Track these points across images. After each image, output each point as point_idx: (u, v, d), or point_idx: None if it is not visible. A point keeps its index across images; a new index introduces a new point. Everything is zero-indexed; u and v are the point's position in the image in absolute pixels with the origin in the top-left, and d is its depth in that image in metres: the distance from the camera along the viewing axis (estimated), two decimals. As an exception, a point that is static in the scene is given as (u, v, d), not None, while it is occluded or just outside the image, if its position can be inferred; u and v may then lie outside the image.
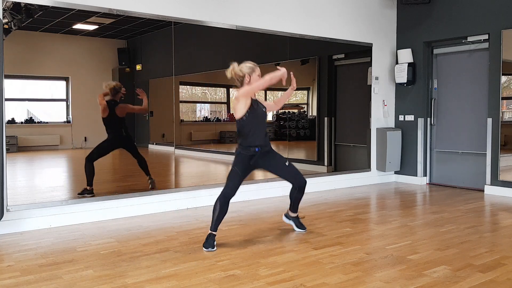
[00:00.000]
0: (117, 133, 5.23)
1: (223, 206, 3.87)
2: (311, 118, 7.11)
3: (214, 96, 6.77)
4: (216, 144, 6.42)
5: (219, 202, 3.87)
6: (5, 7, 4.29)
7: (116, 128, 5.22)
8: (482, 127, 6.58)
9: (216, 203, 3.87)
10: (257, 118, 3.97)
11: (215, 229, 3.84)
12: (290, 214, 4.41)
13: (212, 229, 3.84)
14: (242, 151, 3.94)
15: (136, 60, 5.55)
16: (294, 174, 4.17)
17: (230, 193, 3.88)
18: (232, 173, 3.94)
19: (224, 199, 3.87)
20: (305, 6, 6.47)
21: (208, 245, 3.76)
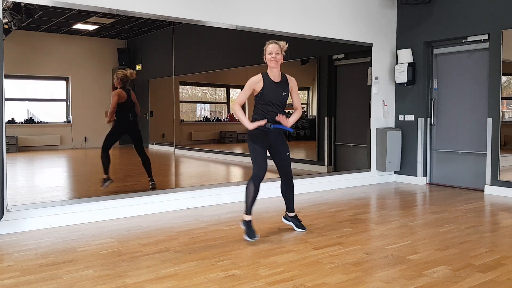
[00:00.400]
0: (125, 116, 5.30)
1: (257, 188, 3.97)
2: (311, 118, 7.11)
3: (214, 96, 6.77)
4: (216, 144, 6.42)
5: (253, 184, 3.96)
6: (5, 7, 4.29)
7: (126, 112, 5.29)
8: (482, 127, 6.58)
9: (250, 185, 3.97)
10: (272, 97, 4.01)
11: (250, 213, 3.99)
12: (288, 215, 4.42)
13: (248, 213, 3.99)
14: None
15: (136, 60, 5.55)
16: (286, 167, 4.25)
17: (261, 172, 3.96)
18: (253, 151, 3.99)
19: (258, 179, 3.97)
20: (305, 6, 6.47)
21: (252, 235, 3.94)
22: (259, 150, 3.98)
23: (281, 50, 4.01)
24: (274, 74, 4.05)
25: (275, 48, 3.98)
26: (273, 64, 3.99)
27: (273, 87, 4.02)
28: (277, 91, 4.04)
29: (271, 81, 4.03)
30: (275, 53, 3.97)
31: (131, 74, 5.22)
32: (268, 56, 4.00)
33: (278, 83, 4.06)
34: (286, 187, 4.31)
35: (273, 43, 4.01)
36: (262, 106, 4.03)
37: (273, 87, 4.02)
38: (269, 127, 4.01)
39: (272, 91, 4.01)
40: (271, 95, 4.02)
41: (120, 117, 5.24)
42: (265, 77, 4.03)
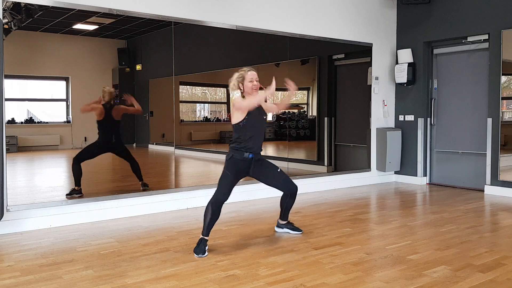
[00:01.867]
0: (107, 137, 5.17)
1: (216, 211, 3.76)
2: (311, 118, 7.11)
3: (214, 96, 6.77)
4: (216, 144, 6.42)
5: (211, 207, 3.75)
6: (5, 7, 4.29)
7: (108, 132, 5.17)
8: (482, 127, 6.58)
9: (208, 208, 3.76)
10: (255, 124, 3.94)
11: (207, 234, 3.73)
12: (281, 223, 4.36)
13: (204, 234, 3.72)
14: (235, 155, 3.88)
15: (136, 60, 5.55)
16: (286, 181, 4.16)
17: (222, 199, 3.80)
18: (224, 177, 3.87)
19: (217, 204, 3.77)
20: (305, 6, 6.47)
21: (199, 251, 3.62)
22: (229, 176, 3.86)
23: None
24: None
25: (255, 76, 3.93)
26: (255, 92, 3.93)
27: (256, 112, 3.95)
28: (260, 116, 4.01)
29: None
30: (255, 80, 3.93)
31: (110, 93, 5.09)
32: (249, 84, 3.90)
33: (258, 108, 4.00)
34: (290, 200, 4.21)
35: (251, 71, 3.95)
36: (245, 133, 3.89)
37: (256, 113, 3.95)
38: (248, 156, 3.89)
39: (256, 117, 3.95)
40: (256, 122, 3.95)
41: (102, 137, 5.11)
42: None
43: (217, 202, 3.78)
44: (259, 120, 3.99)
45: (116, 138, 5.24)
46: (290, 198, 4.21)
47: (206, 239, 3.73)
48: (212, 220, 3.75)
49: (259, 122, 3.99)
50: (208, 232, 3.75)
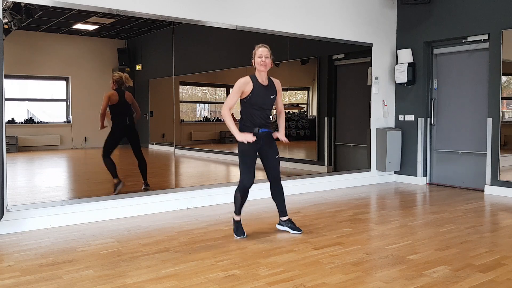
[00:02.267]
0: (122, 120, 5.26)
1: (244, 195, 4.11)
2: (311, 118, 7.11)
3: (214, 96, 6.77)
4: (216, 144, 6.42)
5: (239, 193, 4.09)
6: (5, 7, 4.29)
7: (123, 115, 5.26)
8: (482, 127, 6.58)
9: (237, 193, 4.11)
10: (260, 101, 4.01)
11: (239, 213, 4.17)
12: (281, 220, 4.39)
13: (237, 213, 4.16)
14: (245, 130, 4.00)
15: (136, 60, 5.55)
16: (275, 170, 4.25)
17: (247, 184, 4.03)
18: (242, 161, 4.03)
19: (244, 190, 4.07)
20: (305, 6, 6.47)
21: (240, 233, 4.13)
22: (248, 161, 4.00)
23: (270, 54, 4.02)
24: (262, 78, 4.03)
25: (265, 52, 3.98)
26: (262, 67, 3.98)
27: (262, 90, 4.00)
28: (266, 95, 4.04)
29: (260, 84, 4.01)
30: (265, 57, 3.97)
31: (126, 79, 5.16)
32: (257, 60, 3.98)
33: (266, 86, 4.05)
34: (276, 191, 4.28)
35: (262, 47, 4.01)
36: (250, 110, 4.00)
37: (262, 90, 4.00)
38: (257, 131, 4.00)
39: (261, 95, 4.00)
40: (260, 98, 4.00)
41: (116, 121, 5.19)
42: (254, 80, 4.00)
43: (244, 188, 4.07)
44: (264, 97, 4.04)
45: (130, 120, 5.34)
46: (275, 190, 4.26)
47: (240, 220, 4.18)
48: (242, 203, 4.15)
49: (263, 98, 4.03)
50: (240, 212, 4.19)
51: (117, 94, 5.16)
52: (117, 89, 5.17)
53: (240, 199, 4.11)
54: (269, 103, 4.10)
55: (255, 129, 4.00)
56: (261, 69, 4.00)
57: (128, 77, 5.21)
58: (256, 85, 3.98)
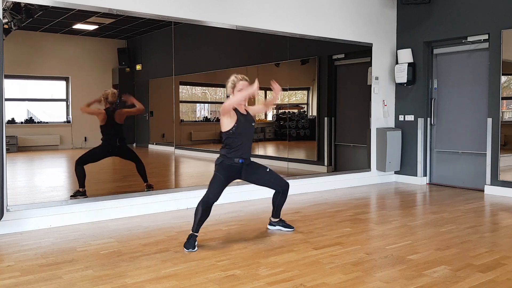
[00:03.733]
0: (111, 142, 5.16)
1: (206, 211, 3.86)
2: (311, 118, 7.11)
3: (214, 96, 6.77)
4: (216, 144, 6.41)
5: (201, 207, 3.84)
6: (5, 7, 4.29)
7: (113, 137, 5.16)
8: (482, 127, 6.58)
9: (198, 207, 3.86)
10: (244, 131, 4.01)
11: (197, 231, 3.84)
12: (273, 221, 4.41)
13: (194, 230, 3.83)
14: (225, 161, 3.98)
15: (136, 60, 5.55)
16: (277, 180, 4.22)
17: (212, 200, 3.88)
18: (215, 178, 3.95)
19: (207, 204, 3.86)
20: (305, 6, 6.47)
21: (189, 246, 3.74)
22: (220, 178, 3.95)
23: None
24: (241, 109, 4.06)
25: (245, 85, 3.99)
26: (244, 101, 4.03)
27: (244, 120, 4.03)
28: (248, 124, 4.07)
29: (241, 114, 4.03)
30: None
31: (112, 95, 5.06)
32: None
33: (246, 116, 4.08)
34: (282, 197, 4.28)
35: (243, 80, 4.02)
36: (234, 140, 3.96)
37: (244, 120, 4.03)
38: (238, 162, 3.98)
39: (245, 125, 4.02)
40: (245, 129, 4.02)
41: (105, 141, 5.09)
42: (237, 111, 3.99)
43: (207, 203, 3.87)
44: (248, 127, 4.07)
45: (120, 141, 5.25)
46: (282, 195, 4.27)
47: (196, 235, 3.84)
48: (202, 219, 3.86)
49: (247, 129, 4.07)
50: (198, 229, 3.86)
51: (104, 114, 5.03)
52: (107, 108, 5.05)
53: (200, 214, 3.82)
54: (252, 131, 4.14)
55: (235, 159, 3.97)
56: (243, 103, 4.04)
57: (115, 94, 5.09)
58: (239, 116, 3.99)
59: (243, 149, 4.00)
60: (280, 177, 4.26)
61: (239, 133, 3.97)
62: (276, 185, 4.22)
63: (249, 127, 4.08)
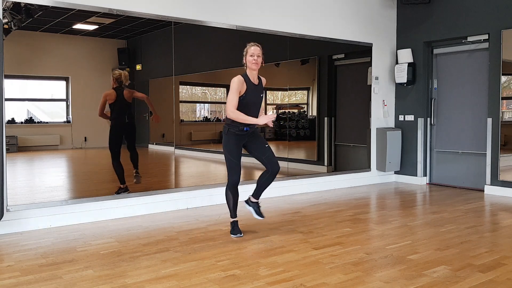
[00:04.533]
0: (120, 119, 5.24)
1: (235, 193, 4.13)
2: (311, 118, 7.11)
3: (214, 96, 6.77)
4: (216, 144, 6.41)
5: (230, 192, 4.11)
6: (5, 7, 4.29)
7: (122, 113, 5.25)
8: (482, 127, 6.58)
9: (228, 193, 4.13)
10: (252, 100, 4.03)
11: (235, 215, 4.17)
12: (251, 200, 4.31)
13: (233, 216, 4.17)
14: (231, 129, 3.99)
15: (136, 60, 5.55)
16: (272, 158, 4.19)
17: (236, 179, 4.07)
18: (228, 159, 4.05)
19: (233, 187, 4.10)
20: (305, 6, 6.47)
21: (236, 232, 4.14)
22: (235, 158, 4.00)
23: (262, 53, 4.04)
24: (253, 76, 4.05)
25: (257, 50, 3.99)
26: (254, 66, 3.99)
27: (253, 89, 4.02)
28: (257, 94, 4.07)
29: (252, 83, 4.02)
30: (257, 56, 3.98)
31: (125, 77, 5.15)
32: (249, 58, 3.98)
33: (257, 86, 4.07)
34: (269, 177, 4.19)
35: (254, 45, 4.02)
36: (242, 109, 3.96)
37: (254, 90, 4.02)
38: (243, 129, 4.00)
39: (253, 94, 4.02)
40: (252, 98, 4.02)
41: (114, 119, 5.17)
42: (247, 79, 4.00)
43: (233, 184, 4.09)
44: (256, 96, 4.08)
45: (129, 118, 5.35)
46: (269, 176, 4.19)
47: (236, 220, 4.19)
48: (235, 202, 4.16)
49: (255, 97, 4.07)
50: (236, 213, 4.18)
51: (114, 92, 5.15)
52: (116, 87, 5.16)
53: (232, 197, 4.13)
54: (259, 102, 4.14)
55: (240, 127, 3.98)
56: (252, 68, 4.00)
57: (127, 76, 5.20)
58: (249, 85, 3.99)
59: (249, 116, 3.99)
60: (274, 157, 4.21)
61: (246, 102, 3.97)
62: (268, 163, 4.17)
63: (257, 97, 4.09)
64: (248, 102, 3.98)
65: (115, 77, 5.14)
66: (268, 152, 4.19)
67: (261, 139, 4.24)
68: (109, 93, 5.14)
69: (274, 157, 4.21)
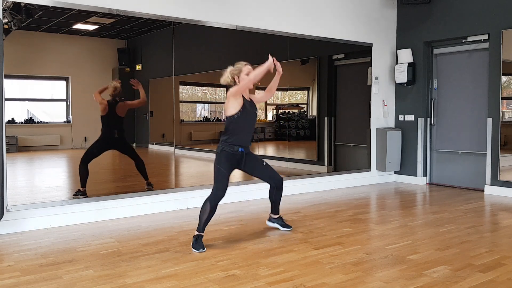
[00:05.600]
0: (110, 133, 5.18)
1: (214, 207, 3.85)
2: (311, 118, 7.11)
3: (214, 96, 6.77)
4: (216, 144, 6.40)
5: (209, 204, 3.83)
6: (5, 7, 4.29)
7: (111, 128, 5.18)
8: (482, 127, 6.58)
9: (206, 205, 3.84)
10: (248, 118, 4.00)
11: (203, 231, 3.84)
12: (272, 217, 4.43)
13: (200, 231, 3.83)
14: (226, 148, 3.93)
15: (136, 60, 5.55)
16: (272, 174, 4.23)
17: (221, 195, 3.86)
18: (218, 173, 3.90)
19: (216, 201, 3.85)
20: (305, 6, 6.47)
21: (199, 247, 3.74)
22: (223, 172, 3.91)
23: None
24: (246, 94, 4.05)
25: (251, 69, 4.00)
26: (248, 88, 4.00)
27: (249, 106, 4.02)
28: (252, 110, 4.06)
29: (246, 100, 4.02)
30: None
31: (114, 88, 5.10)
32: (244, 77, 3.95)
33: (250, 102, 4.07)
34: (277, 192, 4.29)
35: (248, 65, 4.03)
36: (236, 126, 3.94)
37: (249, 107, 4.02)
38: (237, 151, 3.95)
39: (249, 111, 4.01)
40: (249, 115, 4.01)
41: (104, 132, 5.10)
42: (243, 97, 3.98)
43: (216, 199, 3.85)
44: (252, 114, 4.06)
45: (119, 133, 5.27)
46: (277, 190, 4.27)
47: (202, 235, 3.84)
48: (209, 217, 3.85)
49: (251, 116, 4.06)
50: (204, 229, 3.86)
51: (107, 105, 5.06)
52: (109, 100, 5.08)
53: (209, 212, 3.81)
54: (254, 118, 4.13)
55: (235, 147, 3.94)
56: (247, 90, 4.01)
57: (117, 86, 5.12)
58: (245, 102, 3.98)
59: (244, 136, 4.00)
60: (274, 172, 4.25)
61: (243, 119, 3.95)
62: (270, 179, 4.23)
63: (252, 115, 4.07)
64: (244, 118, 3.95)
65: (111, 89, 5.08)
66: (267, 170, 4.21)
67: (257, 159, 4.20)
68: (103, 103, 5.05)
69: (274, 172, 4.24)
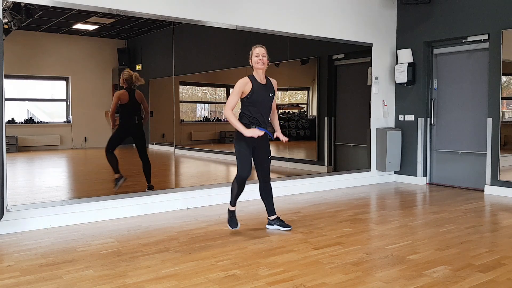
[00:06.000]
0: (131, 119, 5.29)
1: (241, 186, 4.16)
2: (311, 118, 7.11)
3: (214, 96, 6.77)
4: (216, 144, 6.42)
5: (236, 183, 4.15)
6: (5, 7, 4.29)
7: (132, 114, 5.28)
8: (482, 127, 6.58)
9: (234, 184, 4.18)
10: (259, 99, 4.08)
11: (234, 204, 4.23)
12: (270, 219, 4.43)
13: (232, 204, 4.22)
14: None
15: (136, 60, 5.55)
16: (267, 170, 4.32)
17: (245, 175, 4.09)
18: (239, 154, 4.09)
19: (241, 180, 4.12)
20: (305, 6, 6.47)
21: (233, 224, 4.23)
22: (244, 152, 4.07)
23: (266, 53, 4.12)
24: (260, 77, 4.13)
25: (261, 51, 4.10)
26: (260, 65, 4.07)
27: (261, 89, 4.09)
28: (265, 93, 4.13)
29: (259, 83, 4.10)
30: (262, 56, 4.08)
31: (136, 78, 5.18)
32: (255, 59, 4.09)
33: (265, 85, 4.14)
34: (265, 191, 4.35)
35: (259, 47, 4.12)
36: (250, 109, 4.08)
37: (261, 89, 4.09)
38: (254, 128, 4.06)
39: (260, 93, 4.09)
40: (260, 97, 4.09)
41: (124, 119, 5.23)
42: (253, 79, 4.09)
43: (241, 179, 4.12)
44: (263, 96, 4.12)
45: (139, 119, 5.36)
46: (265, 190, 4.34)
47: (234, 210, 4.26)
48: (238, 193, 4.21)
49: (262, 96, 4.12)
50: (235, 203, 4.25)
51: (127, 93, 5.17)
52: (127, 88, 5.17)
53: (236, 189, 4.17)
54: (268, 101, 4.18)
55: (252, 126, 4.05)
56: (258, 67, 4.09)
57: (139, 76, 5.22)
58: (255, 84, 4.08)
59: (258, 116, 4.07)
60: (268, 170, 4.33)
61: (253, 101, 4.04)
62: (261, 173, 4.31)
63: (264, 96, 4.13)
64: (255, 100, 4.06)
65: (125, 78, 5.14)
66: (266, 164, 4.30)
67: (267, 149, 4.28)
68: (122, 93, 5.16)
69: (268, 169, 4.33)
